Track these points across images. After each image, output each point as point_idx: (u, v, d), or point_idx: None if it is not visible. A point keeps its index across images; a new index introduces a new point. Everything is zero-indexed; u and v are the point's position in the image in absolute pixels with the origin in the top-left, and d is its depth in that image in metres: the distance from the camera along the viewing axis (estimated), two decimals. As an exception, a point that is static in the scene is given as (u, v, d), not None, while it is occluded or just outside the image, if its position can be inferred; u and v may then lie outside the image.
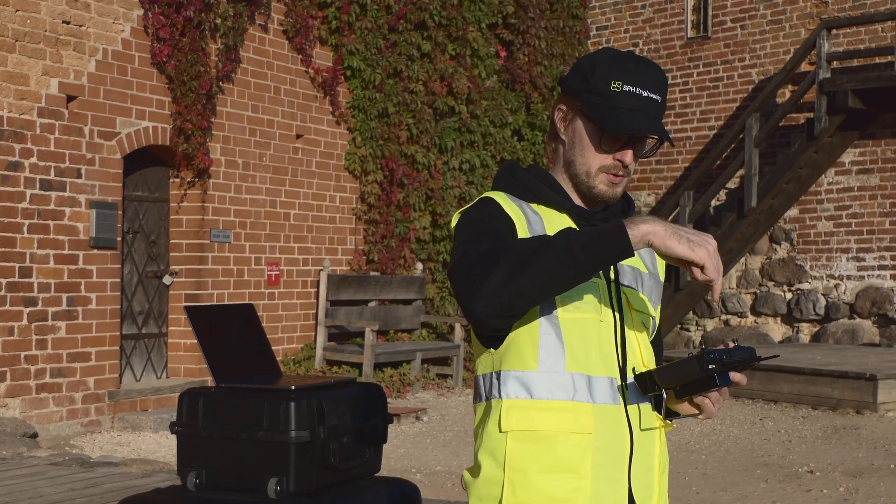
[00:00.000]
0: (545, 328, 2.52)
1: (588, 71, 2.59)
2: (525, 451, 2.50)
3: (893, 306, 15.80)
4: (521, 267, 2.36)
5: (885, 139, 16.00)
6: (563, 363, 2.52)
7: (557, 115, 2.67)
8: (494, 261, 2.38)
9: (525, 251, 2.38)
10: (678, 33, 18.45)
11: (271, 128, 13.68)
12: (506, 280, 2.37)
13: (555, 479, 2.50)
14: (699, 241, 2.36)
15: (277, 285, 13.74)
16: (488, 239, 2.48)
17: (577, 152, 2.63)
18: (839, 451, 10.03)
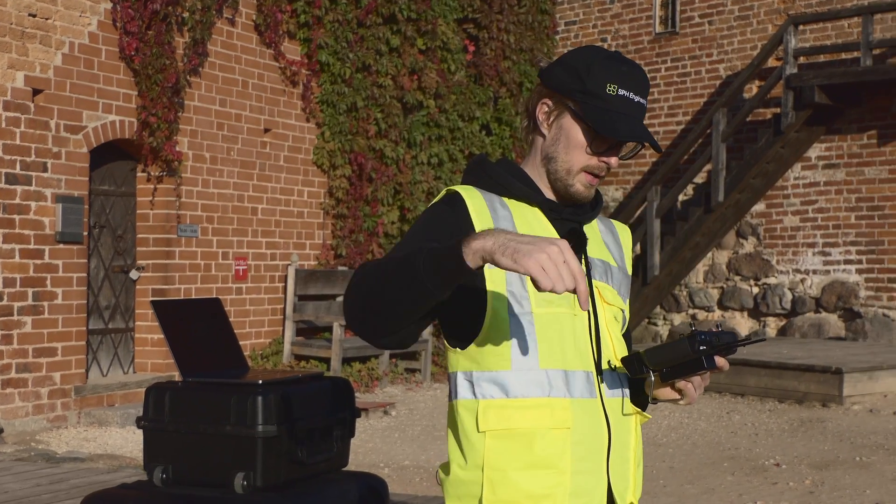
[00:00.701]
0: (516, 326, 2.51)
1: (583, 70, 2.57)
2: (504, 449, 2.50)
3: (859, 300, 15.90)
4: (375, 289, 2.34)
5: (850, 134, 16.08)
6: (536, 360, 2.51)
7: (541, 108, 2.64)
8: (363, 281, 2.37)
9: (381, 272, 2.35)
10: (646, 29, 18.50)
11: (239, 122, 13.63)
12: (361, 300, 2.36)
13: (534, 475, 2.49)
14: (527, 250, 2.17)
15: (245, 280, 13.71)
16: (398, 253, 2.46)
17: (562, 150, 2.61)
18: (805, 444, 10.08)
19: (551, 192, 2.66)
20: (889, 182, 15.69)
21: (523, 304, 2.51)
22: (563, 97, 2.60)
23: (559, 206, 2.65)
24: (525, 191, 2.63)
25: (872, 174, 15.84)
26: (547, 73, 2.63)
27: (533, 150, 2.68)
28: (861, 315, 15.79)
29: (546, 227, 2.61)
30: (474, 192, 2.60)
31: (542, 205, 2.63)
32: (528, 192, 2.63)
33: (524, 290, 2.52)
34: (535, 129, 2.66)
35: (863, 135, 15.95)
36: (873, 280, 15.83)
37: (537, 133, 2.66)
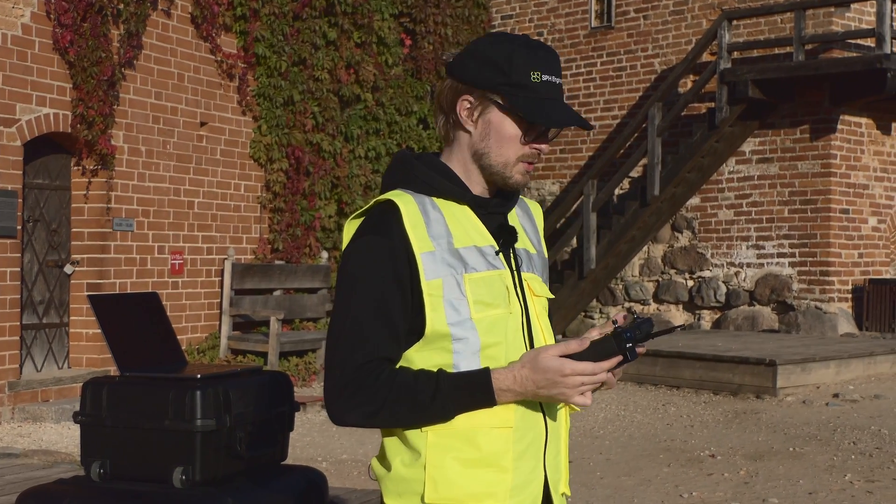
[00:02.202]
0: (458, 334, 2.51)
1: (504, 62, 2.55)
2: (446, 447, 2.50)
3: (792, 293, 16.08)
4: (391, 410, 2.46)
5: (784, 129, 16.26)
6: (477, 363, 2.52)
7: (461, 105, 2.60)
8: (369, 389, 2.46)
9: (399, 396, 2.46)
10: (582, 23, 18.58)
11: (175, 115, 13.55)
12: (372, 415, 2.48)
13: (476, 474, 2.51)
14: (560, 392, 2.50)
15: (181, 274, 13.63)
16: (372, 332, 2.49)
17: (494, 144, 2.59)
18: (740, 435, 10.19)
19: (478, 186, 2.65)
20: (821, 176, 15.88)
21: (461, 310, 2.51)
22: (486, 92, 2.57)
23: (486, 201, 2.64)
24: (454, 189, 2.60)
25: (805, 168, 16.02)
26: (460, 69, 2.60)
27: (457, 146, 2.64)
28: (794, 308, 15.97)
29: (476, 225, 2.60)
30: (408, 199, 2.57)
31: (470, 202, 2.62)
32: (456, 190, 2.61)
33: (462, 296, 2.52)
34: (457, 125, 2.62)
35: (796, 129, 16.12)
36: (806, 273, 16.01)
37: (459, 129, 2.62)
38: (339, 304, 2.53)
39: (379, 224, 2.53)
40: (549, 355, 2.46)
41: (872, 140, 16.38)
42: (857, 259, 16.18)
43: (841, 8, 15.95)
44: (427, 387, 2.45)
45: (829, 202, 15.85)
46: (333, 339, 2.51)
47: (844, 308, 15.97)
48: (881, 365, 13.14)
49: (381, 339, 2.48)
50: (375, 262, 2.50)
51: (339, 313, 2.52)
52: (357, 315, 2.49)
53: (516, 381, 2.47)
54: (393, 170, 2.66)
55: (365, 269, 2.51)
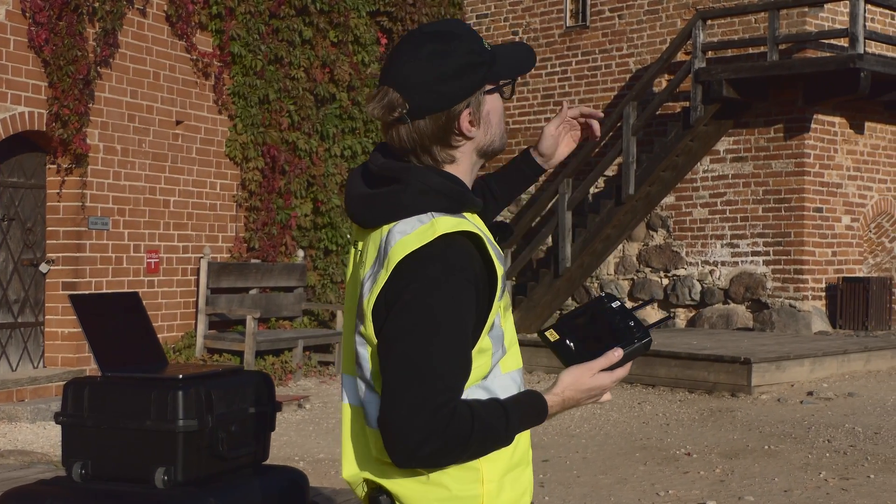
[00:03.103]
0: (494, 345, 2.51)
1: (473, 58, 2.51)
2: (496, 457, 2.50)
3: (766, 291, 16.16)
4: (464, 450, 2.41)
5: (758, 128, 16.34)
6: (499, 367, 2.54)
7: (464, 122, 2.52)
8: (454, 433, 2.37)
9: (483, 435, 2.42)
10: (557, 22, 18.63)
11: (150, 114, 13.52)
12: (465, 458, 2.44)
13: (518, 473, 2.56)
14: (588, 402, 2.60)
15: (157, 273, 13.60)
16: (453, 376, 2.40)
17: (496, 129, 2.58)
18: (715, 433, 10.24)
19: None
20: (795, 175, 15.97)
21: (496, 321, 2.51)
22: (477, 93, 2.53)
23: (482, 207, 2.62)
24: (476, 201, 2.55)
25: (779, 167, 16.10)
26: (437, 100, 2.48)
27: (459, 160, 2.56)
28: (768, 306, 16.06)
29: (486, 232, 2.57)
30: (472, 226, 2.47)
31: (480, 209, 2.59)
32: (477, 201, 2.55)
33: (498, 305, 2.51)
34: (455, 145, 2.54)
35: (770, 128, 16.21)
36: (780, 271, 16.10)
37: (460, 145, 2.54)
38: (417, 348, 2.37)
39: (460, 266, 2.41)
40: (593, 373, 2.54)
41: (846, 139, 16.48)
42: (830, 257, 16.28)
43: (814, 8, 16.05)
44: (499, 421, 2.44)
45: (802, 201, 15.94)
46: (411, 381, 2.37)
47: (818, 306, 16.06)
48: (855, 363, 13.23)
49: (459, 382, 2.42)
50: (461, 310, 2.40)
51: (418, 357, 2.37)
52: (440, 362, 2.38)
53: (563, 405, 2.56)
54: (417, 188, 2.48)
55: (450, 315, 2.39)
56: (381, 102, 2.49)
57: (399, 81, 2.48)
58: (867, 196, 16.86)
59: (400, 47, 2.54)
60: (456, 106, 2.50)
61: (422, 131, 2.49)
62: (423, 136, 2.50)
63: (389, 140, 2.53)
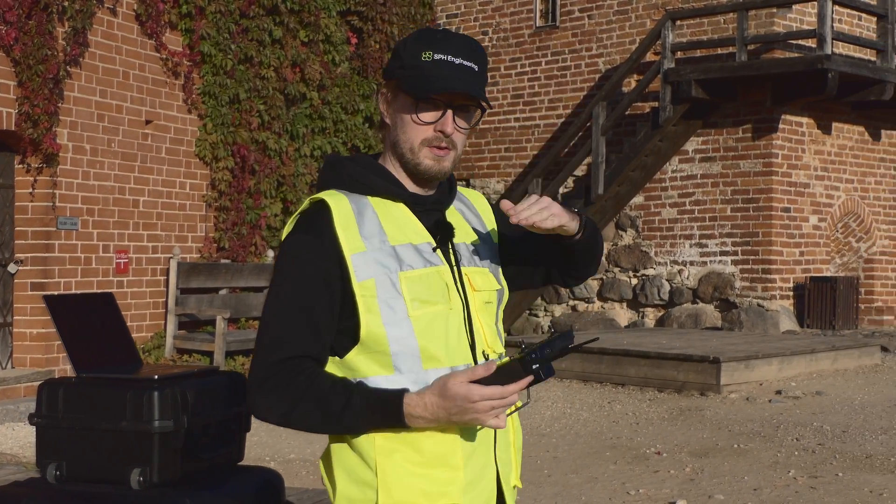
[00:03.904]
0: (394, 333, 2.51)
1: (401, 49, 2.61)
2: (395, 451, 2.50)
3: (734, 291, 16.24)
4: (302, 414, 2.48)
5: (726, 128, 16.42)
6: (419, 363, 2.53)
7: (381, 100, 2.66)
8: (284, 389, 2.47)
9: (310, 402, 2.47)
10: (527, 22, 18.66)
11: (120, 113, 13.48)
12: (285, 416, 2.50)
13: (427, 473, 2.52)
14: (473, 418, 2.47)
15: (126, 273, 13.56)
16: (294, 330, 2.50)
17: (400, 131, 2.61)
18: (685, 432, 10.30)
19: (412, 183, 2.65)
20: (763, 175, 16.05)
21: (397, 309, 2.51)
22: (391, 82, 2.62)
23: (422, 198, 2.65)
24: (388, 187, 2.61)
25: (747, 167, 16.19)
26: (387, 68, 2.67)
27: (386, 145, 2.67)
28: (737, 305, 16.14)
29: (412, 223, 2.61)
30: (340, 199, 2.58)
31: (405, 199, 2.62)
32: (390, 187, 2.61)
33: (398, 294, 2.52)
34: (383, 125, 2.69)
35: (738, 129, 16.29)
36: (748, 271, 16.18)
37: (385, 126, 2.68)
38: (267, 301, 2.56)
39: (310, 224, 2.55)
40: (456, 382, 2.45)
41: (813, 139, 16.58)
42: (798, 257, 16.37)
43: (783, 9, 16.14)
44: (339, 398, 2.46)
45: (770, 201, 16.03)
46: (258, 334, 2.56)
47: (786, 306, 16.16)
48: (822, 362, 13.32)
49: (302, 337, 2.50)
50: (303, 261, 2.52)
51: (266, 310, 2.56)
52: (281, 312, 2.52)
53: (427, 409, 2.47)
54: (326, 171, 2.67)
55: (292, 267, 2.53)
56: None
57: None
58: (834, 196, 16.97)
59: None
60: (383, 82, 2.67)
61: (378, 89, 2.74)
62: (377, 93, 2.72)
63: None
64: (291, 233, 2.56)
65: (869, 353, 13.93)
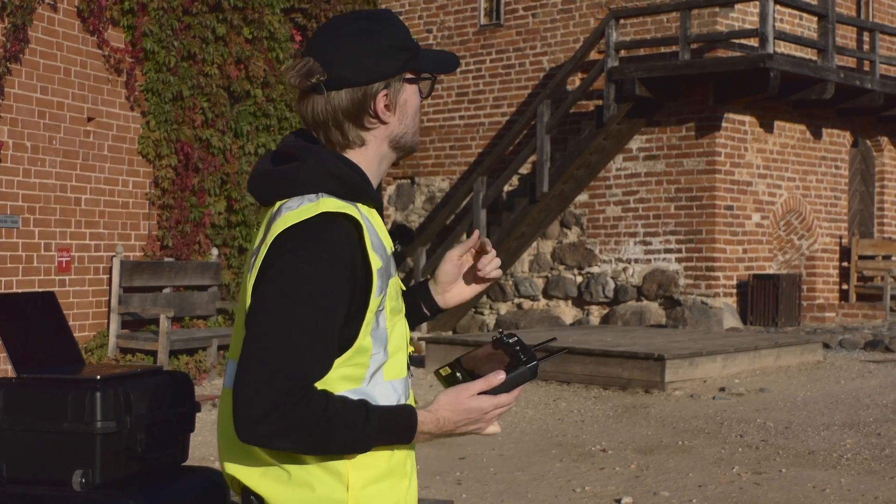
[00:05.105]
0: (374, 345, 2.46)
1: (403, 40, 2.51)
2: (365, 464, 2.44)
3: (678, 288, 16.33)
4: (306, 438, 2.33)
5: (670, 126, 16.51)
6: (382, 375, 2.48)
7: (380, 103, 2.49)
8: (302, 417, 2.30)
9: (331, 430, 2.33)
10: (471, 20, 18.67)
11: (61, 110, 13.34)
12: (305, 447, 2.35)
13: (390, 484, 2.48)
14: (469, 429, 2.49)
15: (68, 272, 13.43)
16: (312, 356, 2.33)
17: (411, 121, 2.55)
18: (630, 429, 10.33)
19: (376, 183, 2.60)
20: (707, 173, 16.16)
21: (380, 321, 2.46)
22: (400, 76, 2.51)
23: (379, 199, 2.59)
24: (373, 194, 2.52)
25: (691, 165, 16.28)
26: (357, 74, 2.47)
27: (371, 145, 2.53)
28: (681, 303, 16.23)
29: (384, 229, 2.55)
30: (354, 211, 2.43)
31: (378, 204, 2.56)
32: (374, 194, 2.52)
33: (382, 306, 2.46)
34: (368, 127, 2.51)
35: (681, 127, 16.39)
36: (692, 269, 16.28)
37: (373, 128, 2.52)
38: (279, 317, 2.32)
39: (336, 245, 2.37)
40: (472, 395, 2.45)
41: (756, 138, 16.70)
42: (741, 255, 16.50)
43: (725, 8, 16.25)
44: (356, 421, 2.36)
45: (713, 199, 16.14)
46: (265, 350, 2.31)
47: (729, 303, 16.27)
48: (765, 359, 13.42)
49: (318, 365, 2.35)
50: (331, 289, 2.35)
51: (278, 329, 2.32)
52: (300, 336, 2.32)
53: (437, 425, 2.45)
54: (316, 169, 2.46)
55: (318, 291, 2.33)
56: (299, 69, 2.48)
57: (322, 52, 2.48)
58: (777, 194, 17.11)
59: (328, 24, 2.53)
60: (375, 84, 2.49)
61: (336, 105, 2.48)
62: (338, 110, 2.48)
63: (303, 114, 2.52)
64: (316, 249, 2.35)
65: (811, 349, 14.05)
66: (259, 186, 2.53)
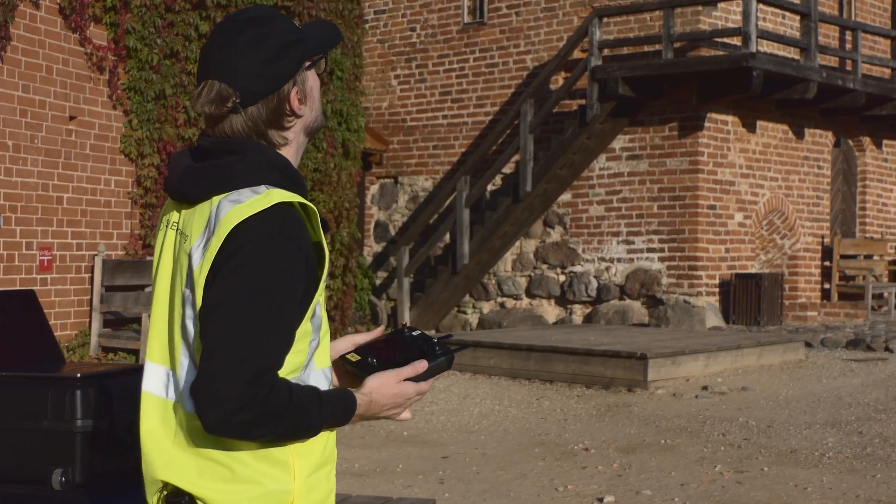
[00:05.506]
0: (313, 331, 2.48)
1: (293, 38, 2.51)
2: (307, 452, 2.45)
3: (661, 288, 16.36)
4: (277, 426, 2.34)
5: (653, 126, 16.53)
6: (314, 361, 2.50)
7: (294, 97, 2.51)
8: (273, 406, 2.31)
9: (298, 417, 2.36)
10: (455, 19, 18.66)
11: (43, 109, 13.29)
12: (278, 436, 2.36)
13: (328, 471, 2.51)
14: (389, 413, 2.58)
15: (50, 271, 13.38)
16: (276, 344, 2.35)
17: (317, 103, 2.59)
18: (612, 428, 10.34)
19: None
20: (689, 172, 16.18)
21: (317, 308, 2.48)
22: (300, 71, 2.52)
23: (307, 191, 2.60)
24: (306, 186, 2.53)
25: (674, 165, 16.31)
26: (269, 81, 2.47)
27: (292, 140, 2.55)
28: (663, 302, 16.25)
29: None
30: (311, 205, 2.45)
31: (306, 195, 2.54)
32: (306, 187, 2.54)
33: (320, 297, 2.49)
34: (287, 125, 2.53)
35: (664, 126, 16.40)
36: (675, 268, 16.31)
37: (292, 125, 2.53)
38: (243, 307, 2.32)
39: (294, 234, 2.39)
40: (400, 381, 2.54)
41: (738, 137, 16.73)
42: (723, 254, 16.53)
43: (708, 7, 16.27)
44: (313, 405, 2.39)
45: (696, 198, 16.16)
46: (234, 341, 2.31)
47: (712, 302, 16.30)
48: (748, 357, 13.44)
49: (283, 353, 2.37)
50: (291, 277, 2.36)
51: (244, 317, 2.32)
52: (265, 325, 2.32)
53: (367, 408, 2.52)
54: (254, 161, 2.46)
55: (279, 280, 2.35)
56: (210, 97, 2.47)
57: (224, 73, 2.47)
58: (759, 194, 17.14)
59: (216, 39, 2.51)
60: (284, 86, 2.50)
61: (255, 118, 2.48)
62: (258, 121, 2.48)
63: (220, 133, 2.50)
64: (273, 237, 2.36)
65: (793, 348, 14.08)
66: (186, 183, 2.50)
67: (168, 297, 2.50)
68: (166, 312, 2.50)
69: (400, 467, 8.84)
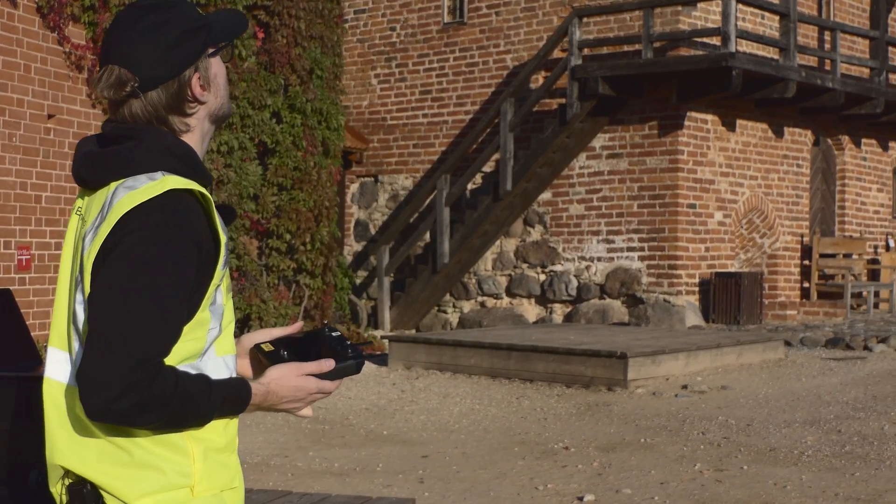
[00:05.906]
0: (212, 320, 2.47)
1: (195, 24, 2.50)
2: (204, 438, 2.44)
3: (641, 287, 16.37)
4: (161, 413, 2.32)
5: (633, 125, 16.54)
6: (214, 351, 2.49)
7: (195, 83, 2.50)
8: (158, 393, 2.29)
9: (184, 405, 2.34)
10: (435, 18, 18.66)
11: (21, 107, 13.22)
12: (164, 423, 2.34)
13: (229, 458, 2.50)
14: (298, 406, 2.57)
15: (28, 270, 13.32)
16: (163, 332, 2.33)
17: (223, 91, 2.58)
18: (592, 427, 10.34)
19: None
20: (669, 171, 16.20)
21: (217, 297, 2.48)
22: (201, 59, 2.51)
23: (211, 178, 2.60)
24: (209, 174, 2.53)
25: (654, 164, 16.32)
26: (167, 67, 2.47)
27: (195, 127, 2.55)
28: (643, 301, 16.27)
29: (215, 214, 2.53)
30: (206, 192, 2.46)
31: (210, 183, 2.54)
32: (209, 174, 2.54)
33: (221, 281, 2.48)
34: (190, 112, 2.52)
35: (644, 125, 16.42)
36: (655, 267, 16.32)
37: (195, 111, 2.53)
38: (129, 294, 2.31)
39: (186, 222, 2.38)
40: (301, 375, 2.53)
41: (718, 136, 16.76)
42: (703, 253, 16.55)
43: (688, 7, 16.30)
44: (202, 393, 2.38)
45: (676, 197, 16.18)
46: (117, 327, 2.30)
47: (692, 301, 16.32)
48: (727, 356, 13.46)
49: (169, 341, 2.35)
50: (180, 265, 2.35)
51: (128, 304, 2.30)
52: (150, 312, 2.31)
53: (265, 398, 2.50)
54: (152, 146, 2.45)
55: (168, 268, 2.34)
56: (110, 81, 2.46)
57: (124, 58, 2.46)
58: (739, 192, 17.18)
59: (116, 25, 2.51)
60: (185, 72, 2.49)
61: (155, 103, 2.48)
62: (158, 107, 2.48)
63: (121, 119, 2.49)
64: (165, 225, 2.35)
65: (773, 347, 14.11)
66: (87, 169, 2.49)
67: (68, 283, 2.49)
68: (66, 298, 2.48)
69: (380, 466, 8.83)
